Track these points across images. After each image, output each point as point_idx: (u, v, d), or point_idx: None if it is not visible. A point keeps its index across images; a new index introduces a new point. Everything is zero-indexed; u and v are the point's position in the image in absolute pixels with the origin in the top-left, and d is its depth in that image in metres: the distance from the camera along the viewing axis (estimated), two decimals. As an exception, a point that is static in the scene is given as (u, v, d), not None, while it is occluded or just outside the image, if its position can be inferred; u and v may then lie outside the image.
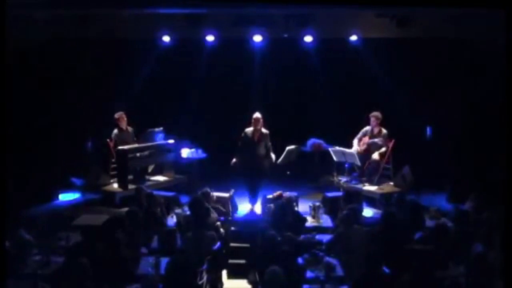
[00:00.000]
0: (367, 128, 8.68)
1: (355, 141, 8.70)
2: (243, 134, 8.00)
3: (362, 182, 8.56)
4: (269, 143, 8.01)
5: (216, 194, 7.47)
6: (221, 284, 6.50)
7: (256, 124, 7.91)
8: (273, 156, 8.07)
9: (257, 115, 7.94)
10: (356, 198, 7.23)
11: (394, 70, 9.52)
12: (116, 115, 8.78)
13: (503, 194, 5.08)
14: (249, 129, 7.98)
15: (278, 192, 7.38)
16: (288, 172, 8.68)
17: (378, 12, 8.32)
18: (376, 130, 8.57)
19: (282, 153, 8.30)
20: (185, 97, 10.19)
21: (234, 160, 8.02)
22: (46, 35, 8.62)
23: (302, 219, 6.92)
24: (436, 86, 9.37)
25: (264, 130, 7.98)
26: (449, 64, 9.16)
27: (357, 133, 8.77)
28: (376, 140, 8.52)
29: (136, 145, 8.71)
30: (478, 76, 8.86)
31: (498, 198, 5.69)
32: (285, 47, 9.65)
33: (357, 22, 9.02)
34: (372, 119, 8.56)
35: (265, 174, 8.04)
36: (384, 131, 8.54)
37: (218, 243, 6.12)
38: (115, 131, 8.76)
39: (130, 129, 8.95)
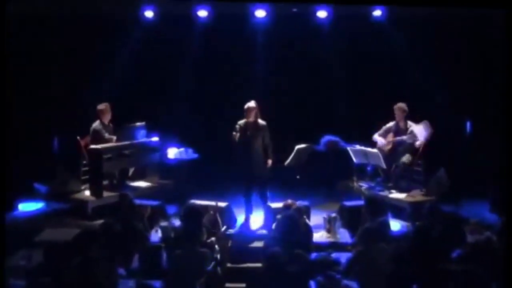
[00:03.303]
0: (391, 123, 8.73)
1: (376, 137, 8.70)
2: (236, 128, 7.88)
3: (387, 188, 8.59)
4: (268, 138, 7.92)
5: (206, 203, 7.47)
6: (216, 312, 6.49)
7: (249, 115, 7.82)
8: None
9: (250, 104, 7.84)
10: (381, 208, 7.19)
11: (426, 53, 9.48)
12: (100, 107, 8.78)
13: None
14: (242, 121, 7.90)
15: (289, 201, 7.35)
16: (297, 176, 8.65)
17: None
18: (402, 125, 8.59)
19: (290, 153, 8.26)
20: (172, 85, 10.19)
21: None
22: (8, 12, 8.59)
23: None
24: (479, 72, 9.32)
25: (260, 122, 7.92)
26: (496, 46, 9.08)
27: (380, 129, 8.78)
28: (404, 137, 8.52)
29: (112, 144, 8.67)
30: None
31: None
32: (294, 25, 9.62)
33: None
34: (397, 112, 8.60)
35: (262, 177, 7.97)
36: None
37: (213, 263, 6.10)
38: (96, 124, 8.74)
39: (111, 125, 8.94)
